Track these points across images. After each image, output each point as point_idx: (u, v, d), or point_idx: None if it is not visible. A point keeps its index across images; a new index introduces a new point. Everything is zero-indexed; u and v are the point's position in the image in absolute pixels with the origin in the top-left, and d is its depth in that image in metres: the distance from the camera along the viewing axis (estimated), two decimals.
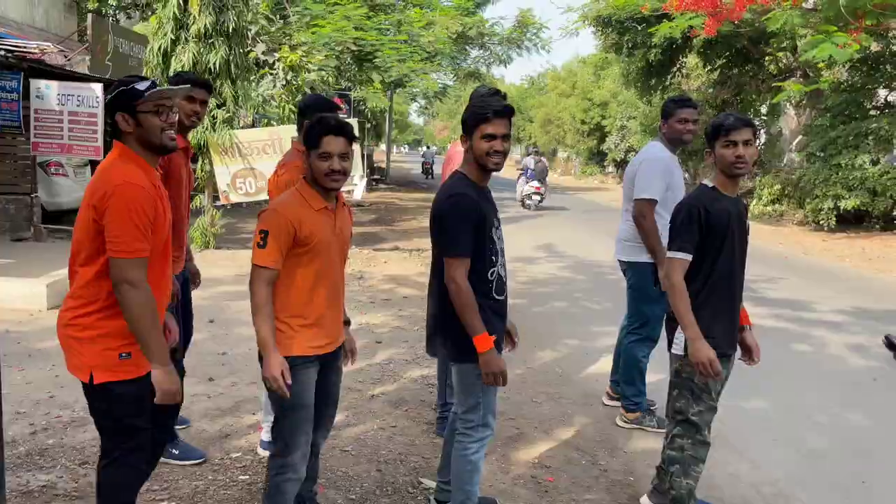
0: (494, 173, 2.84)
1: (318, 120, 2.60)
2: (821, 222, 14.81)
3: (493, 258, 2.76)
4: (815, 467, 3.89)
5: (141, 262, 2.24)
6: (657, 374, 4.54)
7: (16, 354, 5.00)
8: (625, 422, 4.28)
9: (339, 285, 2.73)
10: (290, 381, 2.46)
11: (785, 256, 11.81)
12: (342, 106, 10.29)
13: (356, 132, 2.72)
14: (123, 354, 2.29)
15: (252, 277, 2.51)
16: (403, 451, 3.83)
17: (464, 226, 2.65)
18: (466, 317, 2.64)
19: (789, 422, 4.50)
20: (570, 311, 7.40)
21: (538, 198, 18.46)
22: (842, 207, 14.32)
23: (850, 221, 15.22)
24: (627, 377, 4.26)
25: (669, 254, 2.92)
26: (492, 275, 2.76)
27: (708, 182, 2.98)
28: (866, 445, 4.19)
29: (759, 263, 10.41)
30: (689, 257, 2.87)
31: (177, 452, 3.50)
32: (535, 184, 18.44)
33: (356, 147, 3.08)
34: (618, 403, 4.44)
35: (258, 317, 2.49)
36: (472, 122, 2.71)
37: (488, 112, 2.67)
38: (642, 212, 3.96)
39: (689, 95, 3.03)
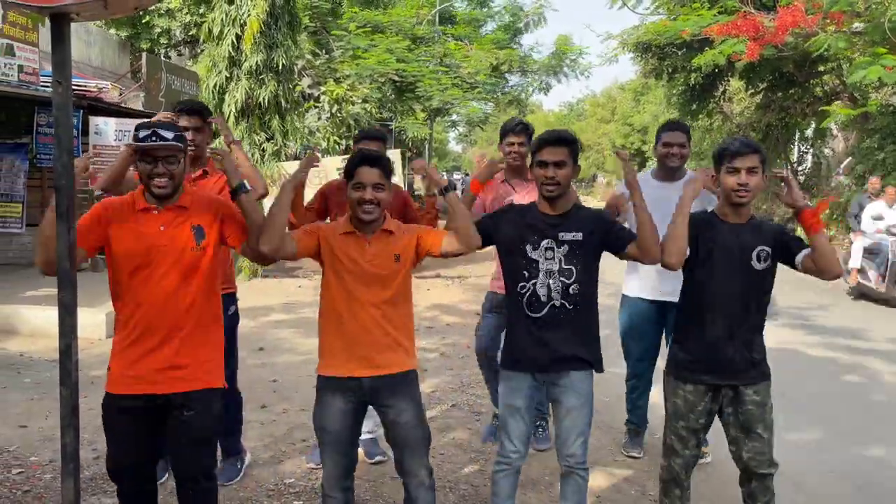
0: None
1: (359, 150, 2.78)
2: None
3: (525, 273, 2.84)
4: (871, 498, 3.80)
5: None
6: None
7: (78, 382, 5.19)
8: None
9: (366, 313, 2.69)
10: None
11: (835, 283, 11.54)
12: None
13: (398, 162, 2.85)
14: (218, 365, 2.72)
15: None
16: (452, 478, 3.86)
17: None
18: None
19: (845, 454, 4.41)
20: (615, 339, 7.34)
21: None
22: None
23: None
24: None
25: None
26: (522, 288, 2.85)
27: (709, 209, 2.93)
28: None
29: (810, 290, 10.20)
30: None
31: None
32: None
33: (398, 175, 3.22)
34: None
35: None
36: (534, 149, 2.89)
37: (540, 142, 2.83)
38: None
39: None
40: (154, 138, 2.51)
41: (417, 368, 2.86)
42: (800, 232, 11.50)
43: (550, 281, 2.83)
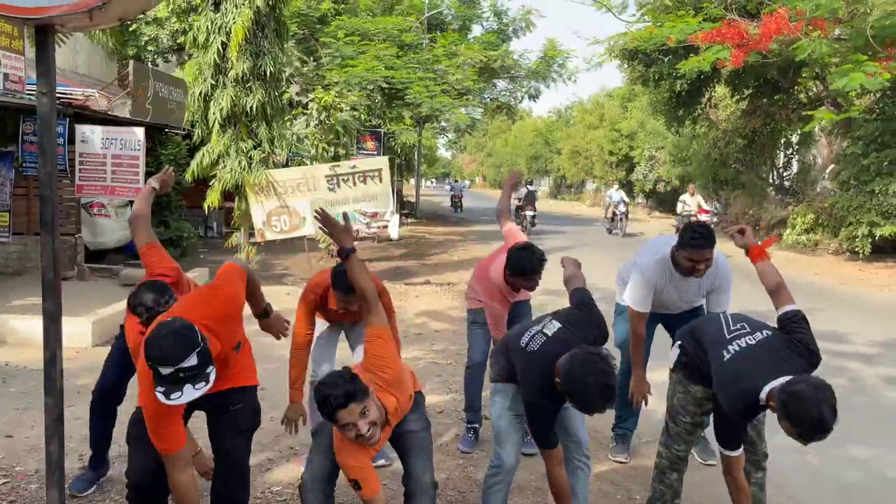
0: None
1: (322, 398, 2.48)
2: (856, 250, 14.61)
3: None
4: (852, 501, 3.85)
5: None
6: None
7: (64, 391, 5.17)
8: None
9: None
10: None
11: (821, 287, 11.67)
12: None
13: (386, 169, 2.86)
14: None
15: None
16: (440, 484, 3.87)
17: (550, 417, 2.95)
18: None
19: (826, 456, 4.46)
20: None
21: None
22: (877, 234, 14.14)
23: (888, 250, 14.99)
24: None
25: None
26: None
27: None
28: None
29: (795, 294, 10.28)
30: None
31: None
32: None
33: (386, 182, 3.20)
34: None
35: None
36: None
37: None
38: None
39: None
40: (182, 392, 2.33)
41: (422, 390, 2.96)
42: (788, 234, 11.47)
43: None
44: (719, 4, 14.25)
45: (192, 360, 2.30)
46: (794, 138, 21.59)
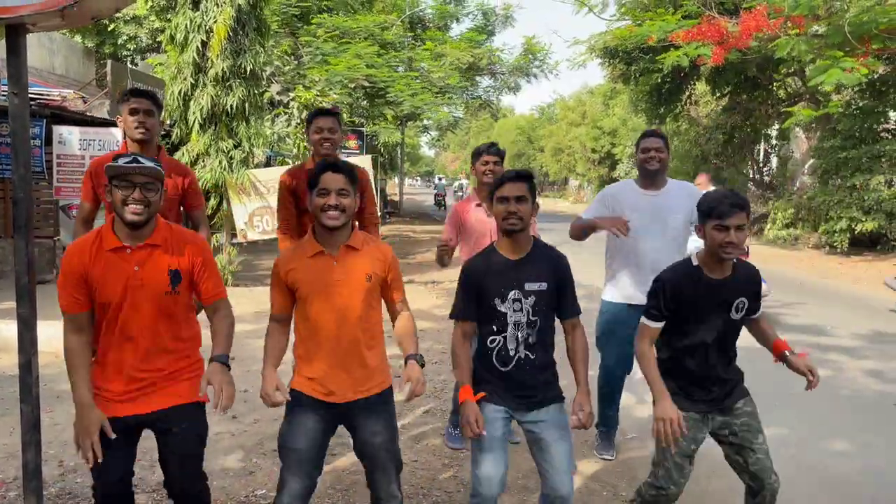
0: None
1: (333, 161, 2.74)
2: (834, 244, 14.78)
3: (494, 327, 2.80)
4: (837, 493, 3.88)
5: (66, 316, 2.43)
6: None
7: (42, 396, 5.07)
8: None
9: (344, 337, 2.66)
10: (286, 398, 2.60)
11: (801, 281, 11.78)
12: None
13: (369, 168, 2.82)
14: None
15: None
16: (426, 485, 3.86)
17: (462, 293, 2.88)
18: (455, 367, 2.89)
19: (811, 449, 4.49)
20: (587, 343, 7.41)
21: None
22: (857, 230, 14.32)
23: (867, 244, 15.18)
24: None
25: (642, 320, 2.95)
26: (492, 342, 2.82)
27: (694, 259, 2.86)
28: (887, 470, 4.18)
29: (776, 289, 10.39)
30: (657, 324, 2.88)
31: None
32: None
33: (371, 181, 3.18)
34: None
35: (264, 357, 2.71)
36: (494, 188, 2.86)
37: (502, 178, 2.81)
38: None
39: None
40: (134, 163, 2.41)
41: (391, 383, 2.83)
42: (769, 229, 11.57)
43: (518, 333, 2.81)
44: (697, 1, 14.35)
45: (149, 163, 2.43)
46: (773, 133, 21.80)
